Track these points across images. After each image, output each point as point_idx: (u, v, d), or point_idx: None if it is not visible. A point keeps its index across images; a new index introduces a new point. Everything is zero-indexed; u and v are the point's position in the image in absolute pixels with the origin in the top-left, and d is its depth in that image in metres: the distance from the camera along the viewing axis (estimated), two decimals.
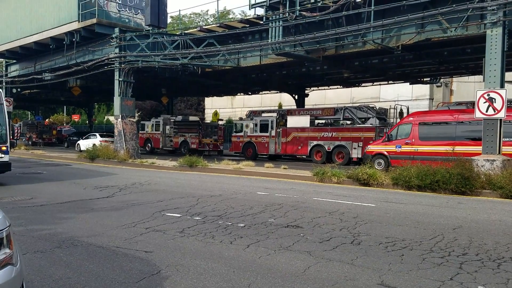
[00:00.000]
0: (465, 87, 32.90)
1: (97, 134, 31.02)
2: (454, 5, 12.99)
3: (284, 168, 16.20)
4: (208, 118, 40.75)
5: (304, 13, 16.23)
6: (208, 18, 56.96)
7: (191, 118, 34.62)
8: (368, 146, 19.20)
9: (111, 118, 57.05)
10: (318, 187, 12.42)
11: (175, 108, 43.79)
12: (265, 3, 17.21)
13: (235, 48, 18.99)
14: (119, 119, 21.45)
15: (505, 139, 12.86)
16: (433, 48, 18.01)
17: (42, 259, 5.17)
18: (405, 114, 25.27)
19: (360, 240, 6.20)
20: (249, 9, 18.10)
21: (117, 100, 21.64)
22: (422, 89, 32.13)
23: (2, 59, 32.11)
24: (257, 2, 17.77)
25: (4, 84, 30.69)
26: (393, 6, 14.82)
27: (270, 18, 17.31)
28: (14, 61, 30.57)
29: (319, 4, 15.91)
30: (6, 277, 2.40)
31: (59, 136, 43.59)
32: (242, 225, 7.15)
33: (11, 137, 12.05)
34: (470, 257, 5.40)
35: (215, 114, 38.63)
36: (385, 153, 17.77)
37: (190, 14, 57.18)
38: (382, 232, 6.74)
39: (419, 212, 8.51)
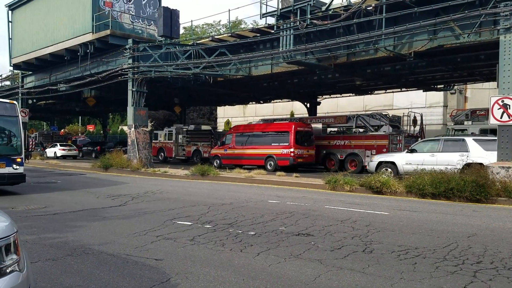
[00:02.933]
0: (480, 93, 32.48)
1: (58, 144, 36.80)
2: (466, 12, 12.87)
3: (296, 177, 16.13)
4: (220, 127, 40.92)
5: (315, 21, 16.26)
6: (220, 28, 57.42)
7: (203, 127, 34.77)
8: (212, 149, 26.09)
9: (125, 128, 57.70)
10: (330, 195, 12.33)
11: (188, 118, 44.07)
12: (276, 12, 17.32)
13: (246, 57, 19.09)
14: (132, 129, 21.66)
15: None
16: (446, 55, 17.83)
17: (53, 267, 5.21)
18: (418, 122, 25.07)
19: (372, 248, 6.11)
20: (260, 18, 18.20)
21: (130, 110, 21.88)
22: (436, 96, 31.82)
23: (18, 71, 32.74)
24: (268, 11, 17.91)
25: (20, 95, 31.29)
26: (404, 13, 14.77)
27: (281, 27, 17.38)
28: (30, 72, 31.18)
29: (330, 12, 15.92)
30: (13, 283, 2.42)
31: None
32: (252, 233, 7.11)
33: (26, 148, 12.21)
34: (484, 265, 5.28)
35: (227, 123, 38.75)
36: (219, 154, 24.48)
37: (203, 24, 57.71)
38: (395, 240, 6.63)
39: (433, 220, 8.36)
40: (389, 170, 15.59)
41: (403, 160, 15.53)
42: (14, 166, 11.83)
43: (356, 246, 6.24)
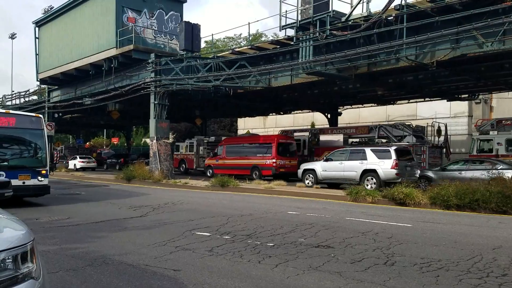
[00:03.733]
0: (506, 103, 31.69)
1: (77, 156, 38.31)
2: (489, 20, 12.63)
3: (316, 188, 16.00)
4: None
5: (334, 32, 16.23)
6: (241, 41, 57.98)
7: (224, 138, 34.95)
8: (206, 160, 27.70)
9: (148, 140, 58.53)
10: (352, 207, 12.16)
11: (209, 129, 44.40)
12: (295, 24, 17.38)
13: (266, 69, 19.18)
14: (154, 141, 21.95)
15: None
16: (469, 64, 17.48)
17: (74, 277, 5.27)
18: (443, 132, 24.60)
19: (394, 261, 5.97)
20: (280, 31, 18.32)
21: (152, 122, 22.21)
22: (461, 106, 31.15)
23: (45, 86, 33.73)
24: (287, 23, 18.00)
25: (46, 109, 32.17)
26: (426, 22, 14.61)
27: (301, 38, 17.41)
28: (56, 87, 32.06)
29: (350, 22, 15.87)
30: None
31: (98, 158, 45.04)
32: (271, 244, 7.06)
33: (50, 161, 12.52)
34: (510, 278, 5.09)
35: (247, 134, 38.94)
36: (212, 164, 26.06)
37: (224, 38, 58.44)
38: (417, 252, 6.47)
39: (457, 232, 8.14)
40: (311, 176, 17.58)
41: (320, 167, 17.52)
42: (39, 178, 12.11)
43: (378, 258, 6.11)
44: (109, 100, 26.23)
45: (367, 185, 15.46)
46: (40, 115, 12.94)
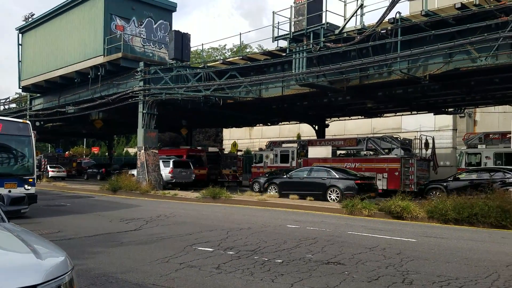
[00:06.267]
0: (489, 117, 32.27)
1: (48, 166, 37.88)
2: (485, 34, 12.77)
3: (310, 200, 15.79)
4: (227, 149, 40.68)
5: (328, 44, 16.21)
6: (226, 52, 57.95)
7: (210, 149, 34.58)
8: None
9: (130, 150, 57.50)
10: (350, 220, 11.98)
11: (194, 139, 43.92)
12: (288, 36, 17.31)
13: (259, 80, 19.03)
14: (142, 151, 21.47)
15: None
16: (460, 78, 17.66)
17: None
18: (430, 145, 24.82)
19: (411, 279, 5.78)
20: (273, 42, 18.20)
21: (140, 132, 21.74)
22: (445, 120, 31.58)
23: (26, 93, 32.82)
24: (280, 34, 17.91)
25: (28, 117, 31.22)
26: (420, 36, 14.71)
27: (294, 50, 17.34)
28: (39, 95, 31.23)
29: (344, 35, 15.88)
30: None
31: (78, 168, 43.97)
32: (279, 261, 6.79)
33: (38, 169, 12.01)
34: None
35: (234, 145, 38.58)
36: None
37: (208, 48, 58.30)
38: (431, 269, 6.29)
39: (464, 248, 8.02)
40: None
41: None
42: (26, 186, 11.58)
43: (393, 276, 5.91)
44: (94, 109, 25.61)
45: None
46: (28, 121, 12.45)
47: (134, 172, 25.08)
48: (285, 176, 19.17)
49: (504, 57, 13.54)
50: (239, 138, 43.02)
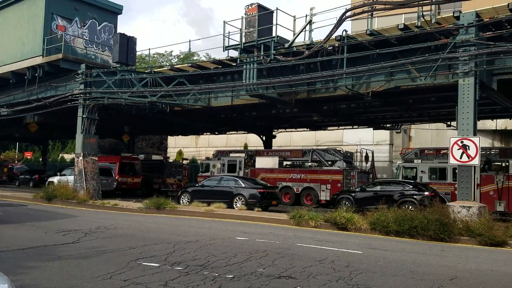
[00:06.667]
0: (423, 133, 34.23)
1: None
2: (426, 55, 13.47)
3: (258, 211, 15.74)
4: (172, 157, 39.82)
5: (278, 57, 16.39)
6: (172, 59, 57.11)
7: (154, 157, 33.70)
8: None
9: (66, 156, 54.63)
10: (297, 232, 12.04)
11: (136, 147, 42.57)
12: (239, 46, 17.30)
13: (209, 88, 18.84)
14: (80, 157, 20.39)
15: None
16: (400, 96, 18.53)
17: None
18: (370, 158, 25.84)
19: None
20: (223, 51, 18.05)
21: (79, 138, 20.67)
22: (383, 135, 33.04)
23: None
24: (231, 44, 17.86)
25: None
26: (364, 54, 15.24)
27: (244, 61, 17.36)
28: None
29: (294, 49, 16.13)
30: None
31: (10, 174, 41.01)
32: (230, 276, 6.61)
33: None
34: None
35: (180, 153, 37.78)
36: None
37: (154, 54, 57.17)
38: (380, 283, 6.41)
39: (408, 261, 8.28)
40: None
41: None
42: None
43: None
44: (29, 112, 24.07)
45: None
46: None
47: (54, 179, 24.06)
48: (197, 184, 20.42)
49: (441, 78, 14.34)
50: (184, 146, 42.26)
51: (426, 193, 16.38)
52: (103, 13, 23.42)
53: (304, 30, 16.37)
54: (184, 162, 34.44)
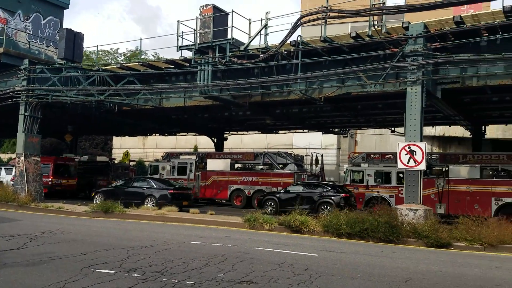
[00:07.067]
0: (368, 138, 35.55)
1: None
2: (377, 63, 13.99)
3: (211, 214, 15.58)
4: (118, 158, 38.51)
5: (234, 59, 16.35)
6: (118, 57, 55.36)
7: (99, 158, 32.47)
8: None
9: (3, 156, 51.23)
10: (253, 235, 12.03)
11: (79, 147, 40.75)
12: (194, 46, 17.07)
13: (162, 88, 18.42)
14: (22, 158, 19.21)
15: None
16: (350, 102, 19.13)
17: None
18: (319, 161, 26.44)
19: None
20: (177, 51, 17.71)
21: (20, 137, 19.48)
22: (331, 139, 33.91)
23: None
24: (184, 44, 17.59)
25: None
26: (317, 60, 15.57)
27: (199, 62, 17.17)
28: None
29: (250, 52, 16.18)
30: None
31: None
32: (190, 282, 6.47)
33: None
34: None
35: (126, 154, 36.62)
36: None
37: (99, 51, 55.12)
38: (340, 286, 6.54)
39: (363, 263, 8.52)
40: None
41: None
42: None
43: None
44: None
45: None
46: None
47: None
48: (111, 186, 20.79)
49: (390, 85, 14.93)
50: (131, 147, 41.00)
51: (342, 194, 18.15)
52: (48, 7, 22.25)
53: (259, 33, 16.47)
54: (131, 163, 33.47)
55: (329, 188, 18.83)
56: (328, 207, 17.32)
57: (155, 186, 18.84)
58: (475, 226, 11.32)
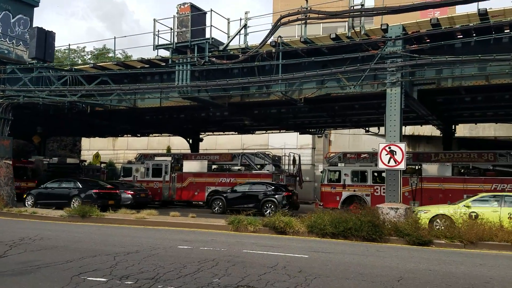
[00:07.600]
0: (342, 138, 36.06)
1: None
2: (358, 65, 14.19)
3: (193, 217, 15.39)
4: (88, 160, 37.51)
5: (213, 59, 16.23)
6: (85, 55, 53.91)
7: (69, 160, 31.66)
8: None
9: None
10: (238, 237, 11.98)
11: (47, 149, 39.45)
12: (171, 46, 16.83)
13: (138, 88, 18.04)
14: None
15: None
16: (328, 103, 19.32)
17: None
18: (297, 162, 26.59)
19: None
20: (153, 50, 17.40)
21: None
22: (306, 139, 34.19)
23: None
24: (161, 43, 17.31)
25: None
26: (297, 61, 15.65)
27: (177, 61, 16.93)
28: None
29: (231, 52, 16.09)
30: None
31: None
32: None
33: None
34: None
35: (97, 156, 35.74)
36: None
37: (65, 49, 53.53)
38: (338, 287, 6.59)
39: (353, 263, 8.63)
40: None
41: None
42: None
43: None
44: None
45: None
46: None
47: None
48: (41, 187, 20.98)
49: (368, 87, 15.20)
50: (101, 148, 40.03)
51: (285, 193, 19.43)
52: (18, 5, 21.39)
53: (239, 33, 16.41)
54: (102, 165, 32.71)
55: (272, 187, 19.88)
56: (272, 205, 18.65)
57: (81, 187, 19.28)
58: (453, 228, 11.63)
